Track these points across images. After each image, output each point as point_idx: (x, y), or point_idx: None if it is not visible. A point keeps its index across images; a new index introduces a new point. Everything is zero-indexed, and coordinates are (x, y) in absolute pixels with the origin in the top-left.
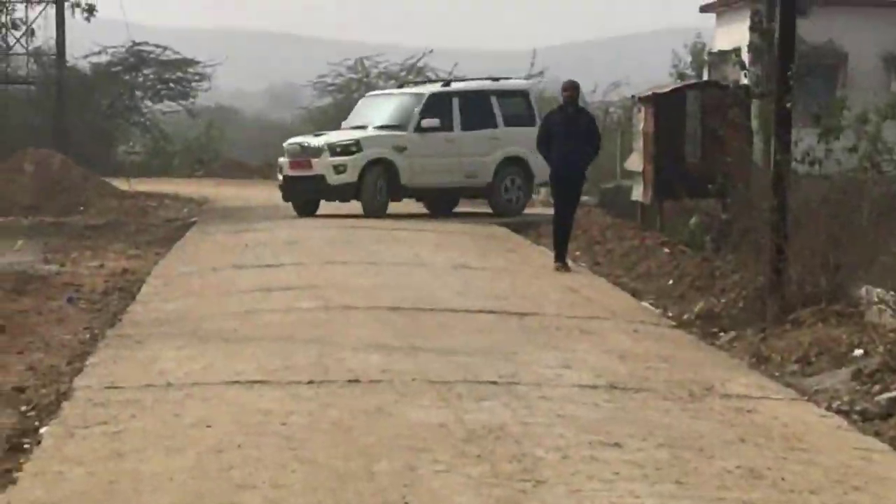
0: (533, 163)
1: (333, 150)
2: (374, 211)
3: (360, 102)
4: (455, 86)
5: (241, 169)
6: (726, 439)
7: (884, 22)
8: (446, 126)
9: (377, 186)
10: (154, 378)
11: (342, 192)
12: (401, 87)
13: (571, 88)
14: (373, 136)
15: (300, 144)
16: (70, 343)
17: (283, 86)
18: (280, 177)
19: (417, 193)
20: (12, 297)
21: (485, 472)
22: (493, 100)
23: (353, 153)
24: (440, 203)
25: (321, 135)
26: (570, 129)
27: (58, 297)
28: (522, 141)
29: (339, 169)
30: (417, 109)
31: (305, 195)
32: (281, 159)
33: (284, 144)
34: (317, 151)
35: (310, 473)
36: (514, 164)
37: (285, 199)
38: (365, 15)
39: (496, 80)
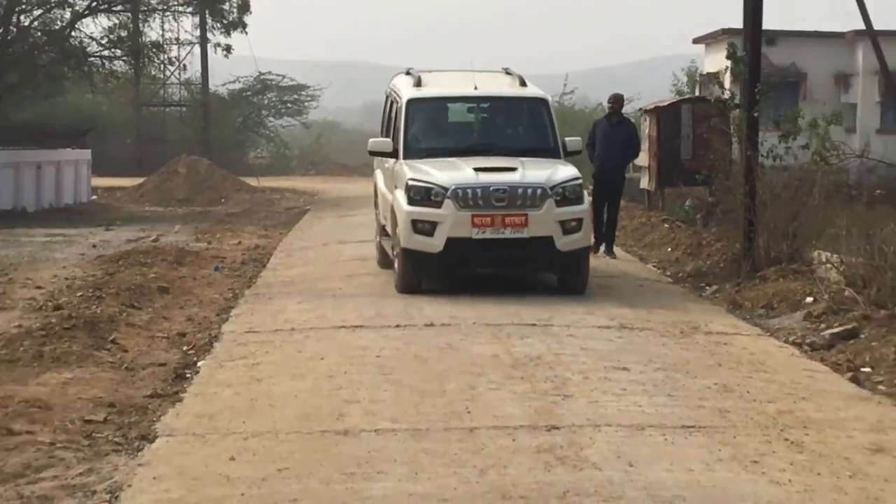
0: None
1: (561, 194)
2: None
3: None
4: None
5: (344, 169)
6: (707, 364)
7: (835, 48)
8: None
9: None
10: (281, 324)
11: (572, 264)
12: None
13: (615, 100)
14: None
15: (498, 187)
16: (218, 300)
17: (374, 104)
18: (424, 239)
19: None
20: (174, 267)
21: (526, 389)
22: None
23: (580, 201)
24: None
25: (505, 168)
26: (613, 135)
27: (207, 266)
28: None
29: (569, 226)
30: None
31: (508, 265)
32: (416, 209)
33: (430, 182)
34: (536, 197)
35: (397, 392)
36: None
37: (442, 266)
38: (441, 51)
39: None
